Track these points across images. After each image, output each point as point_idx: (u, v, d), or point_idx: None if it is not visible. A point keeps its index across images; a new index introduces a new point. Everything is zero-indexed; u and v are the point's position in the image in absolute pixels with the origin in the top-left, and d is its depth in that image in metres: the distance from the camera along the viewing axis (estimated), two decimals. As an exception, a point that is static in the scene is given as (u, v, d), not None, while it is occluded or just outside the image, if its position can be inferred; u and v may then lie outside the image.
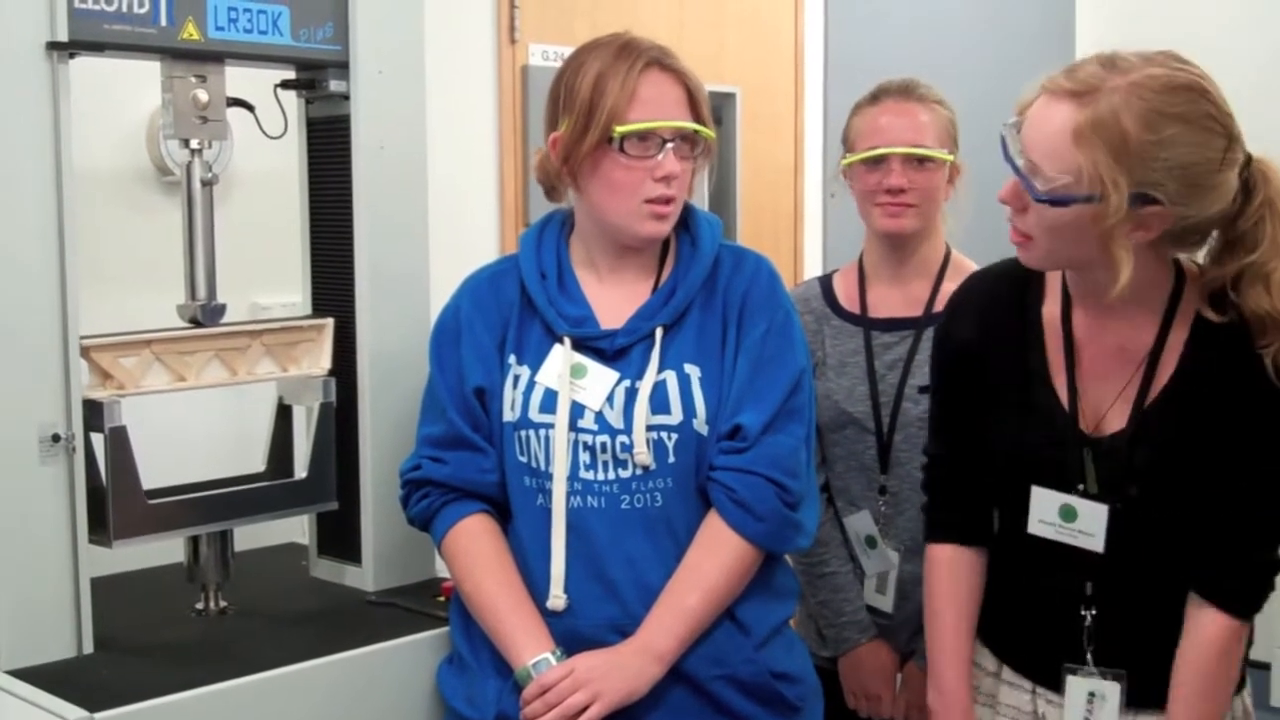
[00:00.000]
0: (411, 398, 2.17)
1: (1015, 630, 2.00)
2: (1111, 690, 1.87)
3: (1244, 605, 1.82)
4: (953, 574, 2.01)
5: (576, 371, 2.00)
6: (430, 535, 2.09)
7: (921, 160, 2.37)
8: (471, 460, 2.03)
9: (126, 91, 2.59)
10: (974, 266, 2.38)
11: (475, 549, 2.02)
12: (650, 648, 1.93)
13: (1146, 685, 1.87)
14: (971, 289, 2.04)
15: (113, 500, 2.03)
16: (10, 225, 1.92)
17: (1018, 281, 1.92)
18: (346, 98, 2.25)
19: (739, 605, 2.00)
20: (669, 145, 1.97)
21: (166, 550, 2.29)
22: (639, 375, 1.99)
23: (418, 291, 2.32)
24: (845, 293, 2.52)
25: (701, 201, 2.18)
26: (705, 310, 2.02)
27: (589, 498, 1.97)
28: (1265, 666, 4.37)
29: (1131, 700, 1.88)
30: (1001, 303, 1.94)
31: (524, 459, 2.01)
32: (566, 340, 2.01)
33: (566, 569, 1.97)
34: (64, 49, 1.94)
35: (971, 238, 2.47)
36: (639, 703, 1.93)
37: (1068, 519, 1.87)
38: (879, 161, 2.38)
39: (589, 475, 1.97)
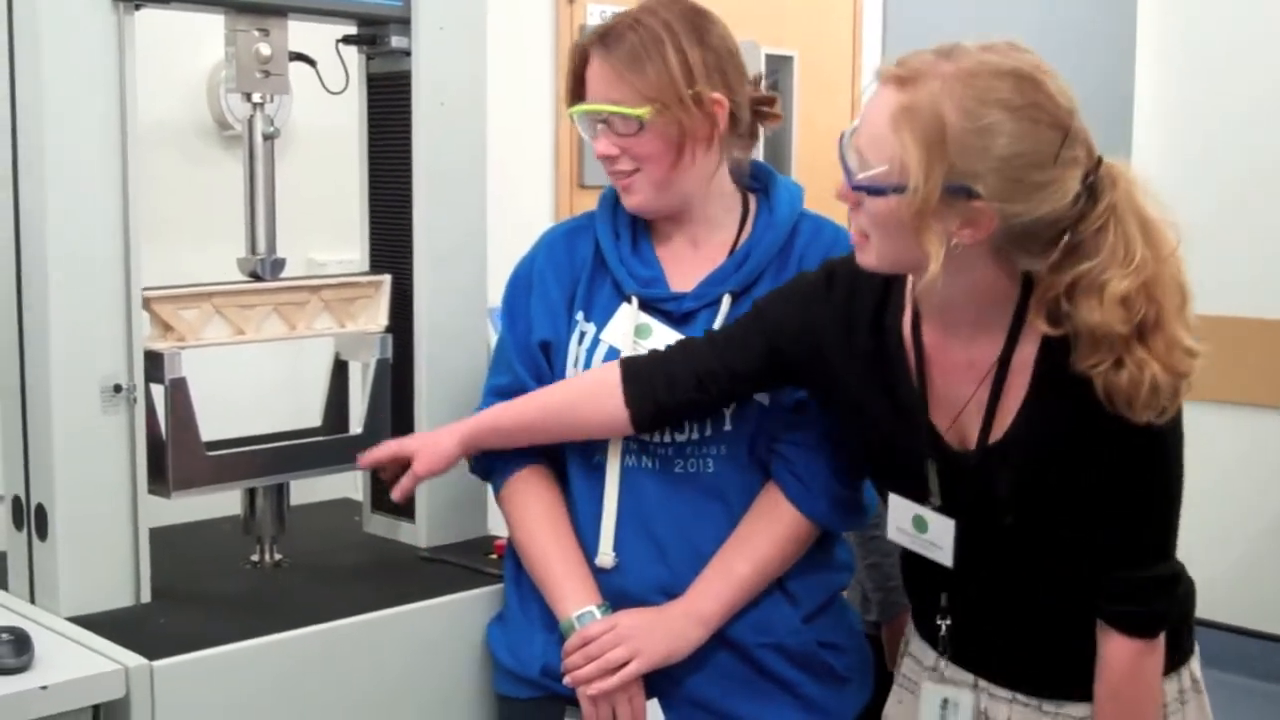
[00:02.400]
0: (467, 355, 2.18)
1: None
2: (964, 700, 1.84)
3: (1143, 626, 1.73)
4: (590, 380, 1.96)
5: (641, 332, 1.99)
6: (490, 485, 2.10)
7: None
8: None
9: (186, 45, 2.60)
10: None
11: (531, 500, 2.04)
12: (695, 611, 1.94)
13: (1004, 679, 1.84)
14: (850, 271, 1.84)
15: (172, 451, 2.05)
16: (75, 177, 1.93)
17: (882, 284, 1.83)
18: (408, 54, 2.25)
19: (790, 576, 1.99)
20: (599, 126, 1.97)
21: (223, 502, 2.31)
22: None
23: (475, 249, 2.32)
24: None
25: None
26: (777, 280, 1.99)
27: (643, 458, 1.97)
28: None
29: (1054, 690, 1.83)
30: (863, 300, 1.83)
31: None
32: (634, 300, 2.01)
33: (618, 528, 1.97)
34: (130, 0, 1.95)
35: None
36: (683, 666, 1.94)
37: (920, 529, 1.82)
38: None
39: (644, 436, 1.97)
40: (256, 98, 2.19)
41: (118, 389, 1.98)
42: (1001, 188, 1.56)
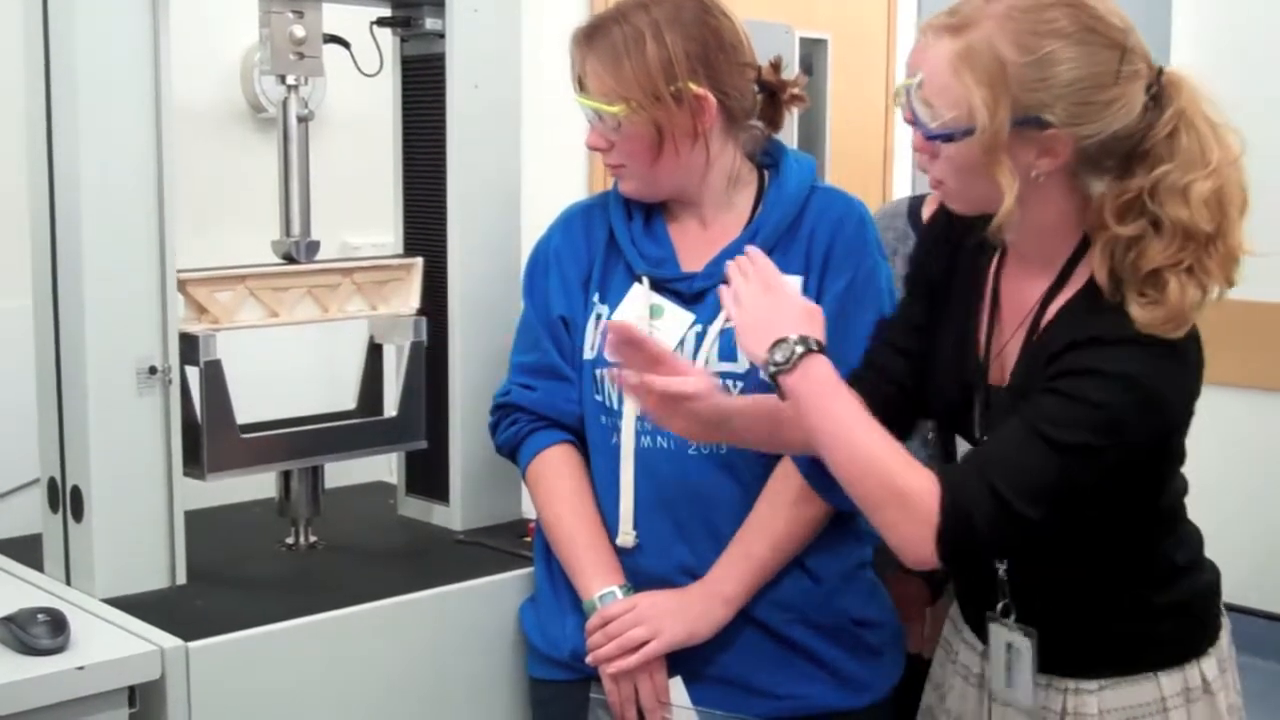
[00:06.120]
0: (501, 338, 2.18)
1: (960, 584, 1.96)
2: (1025, 646, 1.82)
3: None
4: None
5: (654, 312, 1.99)
6: (516, 463, 2.10)
7: None
8: (560, 389, 2.04)
9: (220, 27, 2.60)
10: None
11: (557, 479, 2.04)
12: (716, 592, 1.94)
13: (1062, 647, 1.81)
14: (946, 222, 1.91)
15: (207, 434, 2.05)
16: (110, 160, 1.94)
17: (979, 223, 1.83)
18: (441, 35, 2.24)
19: (809, 553, 1.99)
20: (592, 118, 1.99)
21: (258, 485, 2.32)
22: (714, 319, 1.97)
23: (509, 231, 2.32)
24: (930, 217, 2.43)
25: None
26: (787, 255, 1.97)
27: (658, 438, 1.97)
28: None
29: (1054, 666, 1.82)
30: (966, 244, 1.85)
31: (599, 397, 2.02)
32: (645, 280, 2.00)
33: (638, 509, 1.98)
34: (164, -18, 1.95)
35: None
36: (711, 644, 1.95)
37: None
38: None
39: None
40: (291, 80, 2.19)
41: (153, 371, 1.98)
42: (1070, 113, 1.61)
